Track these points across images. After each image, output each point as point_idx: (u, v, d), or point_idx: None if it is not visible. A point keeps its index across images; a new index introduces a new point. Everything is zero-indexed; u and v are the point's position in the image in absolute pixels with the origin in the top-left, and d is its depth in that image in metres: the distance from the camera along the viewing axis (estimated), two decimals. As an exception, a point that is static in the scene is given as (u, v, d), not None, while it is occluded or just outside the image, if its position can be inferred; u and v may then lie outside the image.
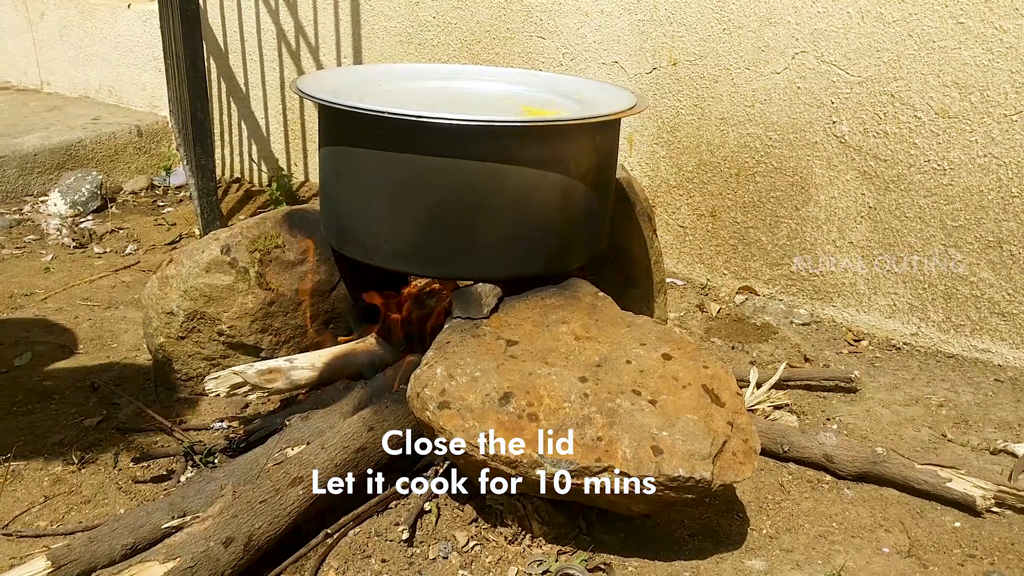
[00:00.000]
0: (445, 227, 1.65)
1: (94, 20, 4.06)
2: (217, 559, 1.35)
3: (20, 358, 2.16)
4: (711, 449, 1.39)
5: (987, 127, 2.12)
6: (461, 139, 1.58)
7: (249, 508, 1.42)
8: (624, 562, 1.51)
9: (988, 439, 1.93)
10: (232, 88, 3.66)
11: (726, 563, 1.53)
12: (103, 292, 2.60)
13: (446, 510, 1.60)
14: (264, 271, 1.88)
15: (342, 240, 1.80)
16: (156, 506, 1.49)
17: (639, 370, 1.51)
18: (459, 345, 1.57)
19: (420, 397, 1.48)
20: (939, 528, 1.63)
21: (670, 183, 2.68)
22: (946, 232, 2.24)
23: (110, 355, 2.20)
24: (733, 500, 1.68)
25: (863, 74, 2.26)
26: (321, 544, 1.51)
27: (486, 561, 1.50)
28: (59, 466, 1.75)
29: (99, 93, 4.20)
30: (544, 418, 1.42)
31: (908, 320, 2.36)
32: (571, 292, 1.75)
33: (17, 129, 3.61)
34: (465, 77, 2.10)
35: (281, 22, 3.37)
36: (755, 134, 2.48)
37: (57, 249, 2.94)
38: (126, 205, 3.45)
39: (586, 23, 2.67)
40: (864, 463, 1.74)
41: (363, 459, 1.58)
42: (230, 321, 1.88)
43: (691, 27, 2.50)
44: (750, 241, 2.58)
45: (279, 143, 3.58)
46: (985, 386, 2.15)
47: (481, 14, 2.87)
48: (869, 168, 2.31)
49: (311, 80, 1.85)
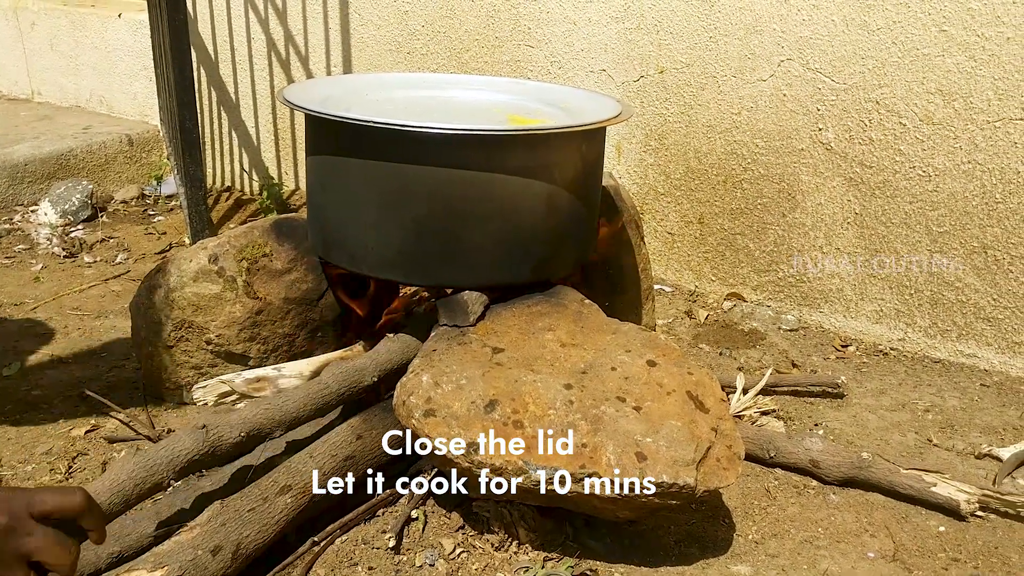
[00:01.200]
0: (431, 235, 1.66)
1: (85, 30, 4.06)
2: (205, 567, 1.35)
3: (9, 368, 2.16)
4: (695, 455, 1.40)
5: (971, 134, 2.14)
6: (446, 148, 1.59)
7: (237, 516, 1.42)
8: (610, 568, 1.52)
9: (973, 444, 1.94)
10: (222, 97, 3.67)
11: (712, 569, 1.53)
12: (93, 301, 2.60)
13: (433, 517, 1.61)
14: (252, 280, 1.89)
15: (329, 249, 1.81)
16: (143, 515, 1.49)
17: (624, 377, 1.52)
18: (445, 353, 1.58)
19: (406, 405, 1.49)
20: (924, 532, 1.64)
21: (658, 190, 2.69)
22: (932, 238, 2.25)
23: (99, 364, 2.20)
24: (719, 506, 1.69)
25: (848, 81, 2.28)
26: (308, 552, 1.51)
27: (473, 568, 1.51)
28: (47, 476, 1.75)
29: (90, 102, 4.20)
30: (529, 425, 1.43)
31: (895, 325, 2.37)
32: (557, 300, 1.75)
33: (7, 139, 3.61)
34: (453, 86, 2.11)
35: (271, 31, 3.38)
36: (742, 141, 2.49)
37: (47, 259, 2.94)
38: (117, 214, 3.46)
39: (574, 31, 2.68)
40: (850, 468, 1.75)
41: (352, 467, 1.59)
42: (218, 330, 1.89)
43: (678, 35, 2.51)
44: (738, 247, 2.60)
45: (270, 152, 3.59)
46: (971, 391, 2.17)
47: (470, 23, 2.88)
48: (855, 175, 2.33)
49: (298, 90, 1.86)
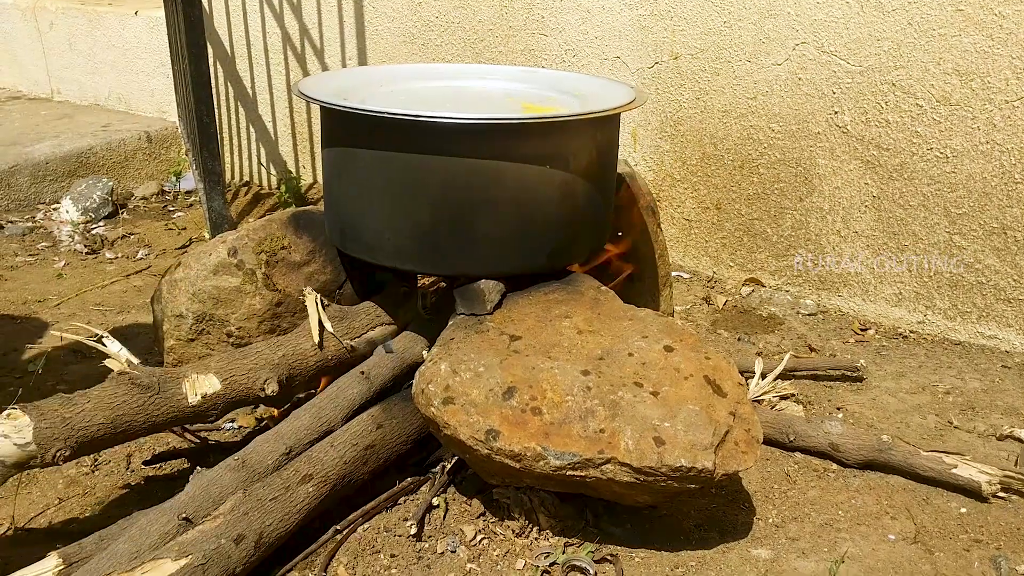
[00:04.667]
0: (447, 225, 1.67)
1: (102, 28, 4.10)
2: (228, 556, 1.37)
3: (34, 363, 2.19)
4: (713, 439, 1.41)
5: (989, 114, 2.12)
6: (461, 137, 1.60)
7: (260, 505, 1.44)
8: (631, 553, 1.53)
9: (995, 425, 1.93)
10: (239, 92, 3.69)
11: (732, 553, 1.54)
12: (115, 297, 2.63)
13: (454, 505, 1.62)
14: (271, 272, 1.90)
15: (346, 240, 1.82)
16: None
17: (641, 362, 1.52)
18: (463, 341, 1.59)
19: (425, 393, 1.50)
20: (945, 514, 1.64)
21: (674, 176, 2.69)
22: (950, 220, 2.24)
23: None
24: (739, 490, 1.69)
25: (864, 63, 2.26)
26: (331, 540, 1.53)
27: (494, 554, 1.52)
28: (73, 468, 1.78)
29: (109, 100, 4.24)
30: (547, 411, 1.44)
31: (914, 308, 2.36)
32: (574, 287, 1.76)
33: (29, 138, 3.65)
34: (467, 76, 2.12)
35: (286, 25, 3.40)
36: (758, 126, 2.48)
37: (69, 255, 2.98)
38: (137, 211, 3.49)
39: (587, 19, 2.68)
40: (870, 451, 1.75)
41: (372, 456, 1.60)
42: (238, 322, 1.91)
43: (692, 20, 2.50)
44: (755, 233, 2.59)
45: (287, 145, 3.61)
46: (992, 372, 2.16)
47: (483, 13, 2.88)
48: (872, 157, 2.32)
49: (314, 82, 1.87)
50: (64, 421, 1.45)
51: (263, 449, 1.55)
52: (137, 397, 1.54)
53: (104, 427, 1.49)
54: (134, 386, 1.54)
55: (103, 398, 1.51)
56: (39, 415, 1.43)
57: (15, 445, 1.39)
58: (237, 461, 1.50)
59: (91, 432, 1.47)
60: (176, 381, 1.60)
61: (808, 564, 1.51)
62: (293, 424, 1.61)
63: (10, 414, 1.42)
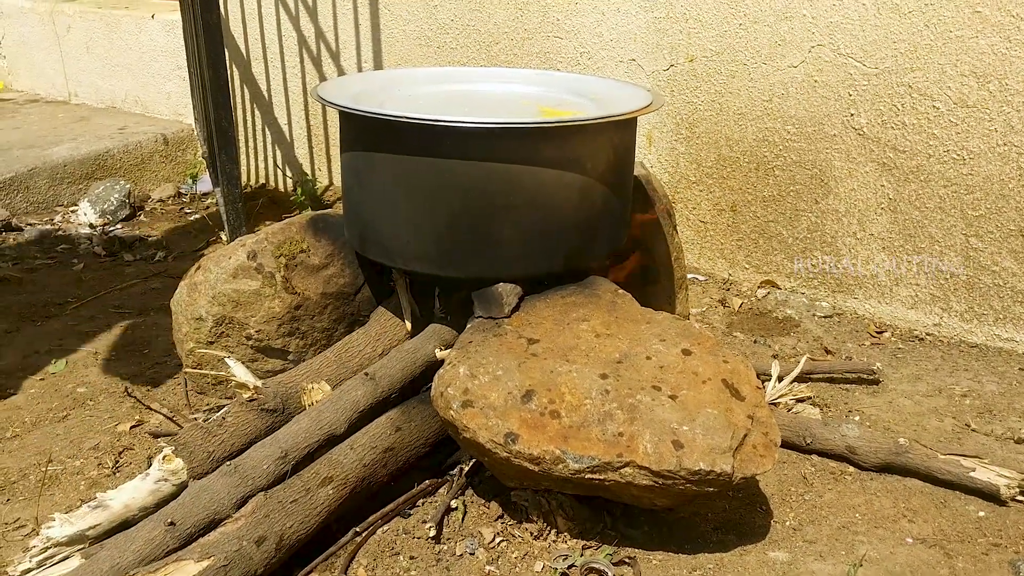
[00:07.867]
0: (465, 228, 1.68)
1: (119, 31, 4.13)
2: (250, 558, 1.38)
3: (55, 365, 2.21)
4: (731, 443, 1.41)
5: (1006, 116, 2.12)
6: (479, 141, 1.61)
7: (281, 507, 1.45)
8: (648, 555, 1.53)
9: (1012, 428, 1.93)
10: (255, 95, 3.71)
11: (749, 555, 1.54)
12: (134, 299, 2.65)
13: (472, 507, 1.63)
14: (290, 276, 1.92)
15: (365, 243, 1.83)
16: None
17: (659, 366, 1.53)
18: (481, 344, 1.59)
19: (444, 396, 1.51)
20: (963, 518, 1.64)
21: (690, 179, 2.69)
22: (967, 222, 2.24)
23: (142, 361, 2.24)
24: (756, 493, 1.70)
25: (880, 66, 2.26)
26: (351, 542, 1.54)
27: (512, 556, 1.53)
28: (95, 471, 1.79)
29: (125, 103, 4.27)
30: (566, 415, 1.44)
31: (930, 311, 2.36)
32: (591, 290, 1.77)
33: (47, 140, 3.68)
34: (483, 79, 2.13)
35: (302, 28, 3.41)
36: (773, 128, 2.48)
37: (88, 258, 3.00)
38: (154, 213, 3.51)
39: (603, 22, 2.69)
40: (887, 454, 1.75)
41: (391, 458, 1.61)
42: (258, 325, 1.92)
43: (707, 23, 2.51)
44: (771, 235, 2.59)
45: (303, 148, 3.63)
46: (1009, 375, 2.15)
47: (499, 16, 2.89)
48: (888, 160, 2.31)
49: (332, 87, 1.89)
50: (208, 455, 1.58)
51: (258, 455, 1.56)
52: (266, 420, 1.67)
53: (240, 452, 1.60)
54: (263, 412, 1.67)
55: (237, 426, 1.64)
56: (188, 454, 1.56)
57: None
58: (230, 467, 1.51)
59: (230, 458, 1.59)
60: (296, 397, 1.71)
61: (826, 567, 1.51)
62: (291, 428, 1.62)
63: (166, 456, 1.54)
